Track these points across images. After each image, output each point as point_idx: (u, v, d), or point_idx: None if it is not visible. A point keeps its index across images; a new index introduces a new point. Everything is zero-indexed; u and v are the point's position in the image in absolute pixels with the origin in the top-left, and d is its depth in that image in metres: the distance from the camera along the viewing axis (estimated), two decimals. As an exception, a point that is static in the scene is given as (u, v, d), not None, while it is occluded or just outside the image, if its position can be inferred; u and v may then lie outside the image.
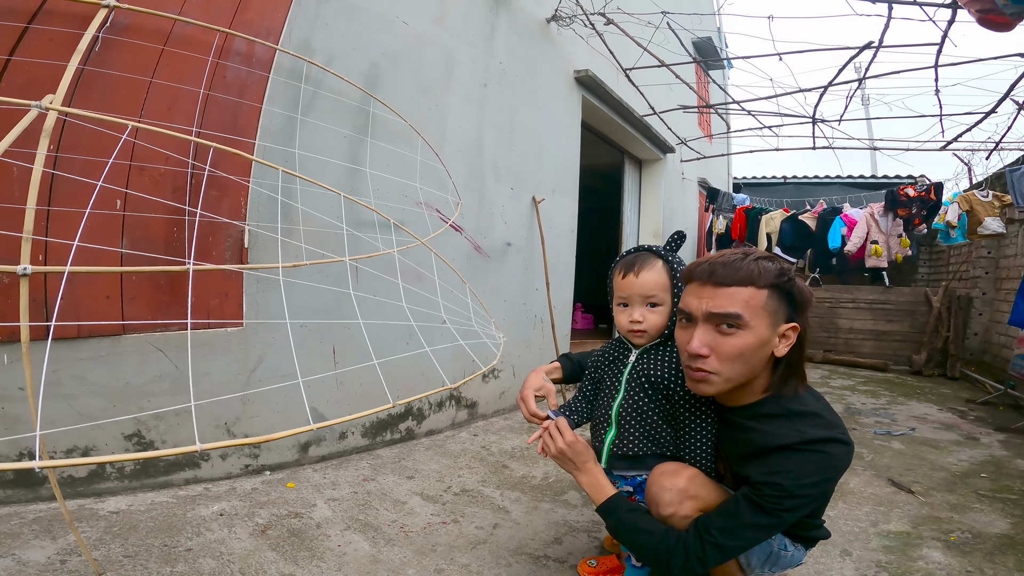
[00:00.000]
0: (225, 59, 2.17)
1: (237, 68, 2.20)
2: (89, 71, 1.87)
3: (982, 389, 5.34)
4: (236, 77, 2.20)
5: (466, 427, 3.36)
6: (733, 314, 1.29)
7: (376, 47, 2.70)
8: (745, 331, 1.30)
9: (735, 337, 1.30)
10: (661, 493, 1.40)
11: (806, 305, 1.33)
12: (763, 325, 1.30)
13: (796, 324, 1.32)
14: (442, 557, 1.84)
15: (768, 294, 1.28)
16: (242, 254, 2.16)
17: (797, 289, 1.31)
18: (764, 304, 1.29)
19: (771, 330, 1.31)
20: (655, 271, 1.52)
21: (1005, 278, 5.89)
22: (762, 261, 1.31)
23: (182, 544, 1.78)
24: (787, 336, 1.32)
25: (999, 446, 3.45)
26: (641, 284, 1.52)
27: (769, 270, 1.29)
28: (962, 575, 1.84)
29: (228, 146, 2.13)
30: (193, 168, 2.04)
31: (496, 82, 3.50)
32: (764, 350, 1.32)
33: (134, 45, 1.97)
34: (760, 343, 1.30)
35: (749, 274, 1.28)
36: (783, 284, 1.29)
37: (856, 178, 12.03)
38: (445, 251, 3.09)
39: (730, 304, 1.29)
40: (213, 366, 2.17)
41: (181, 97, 2.07)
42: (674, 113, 6.43)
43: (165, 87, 2.03)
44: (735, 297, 1.29)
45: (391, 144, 2.74)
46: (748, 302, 1.28)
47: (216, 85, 2.14)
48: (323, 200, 2.43)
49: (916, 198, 6.82)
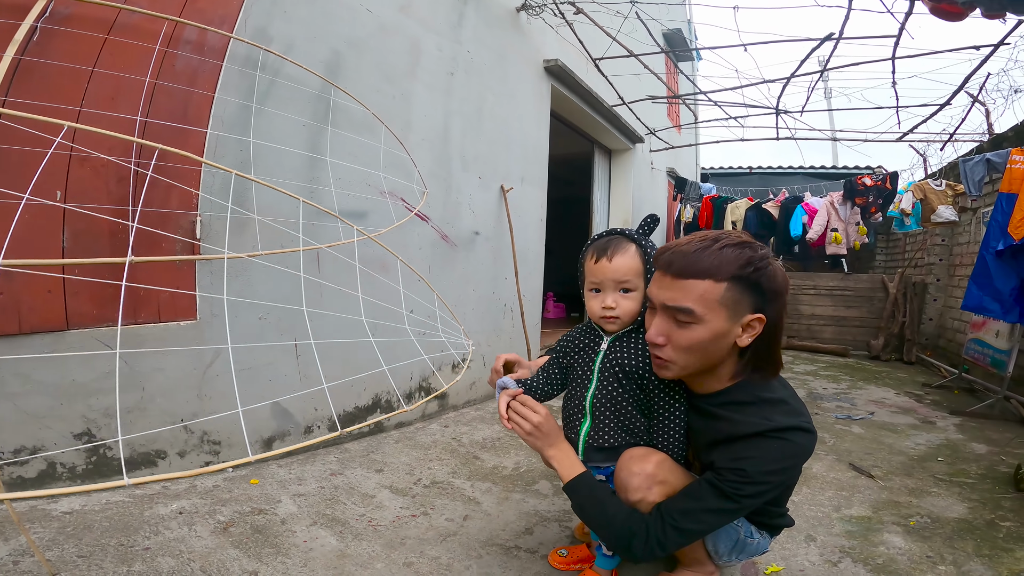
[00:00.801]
0: (175, 48, 2.03)
1: (188, 57, 2.06)
2: (28, 61, 1.74)
3: (937, 373, 5.45)
4: (187, 65, 2.06)
5: (436, 418, 3.29)
6: (685, 309, 1.26)
7: (338, 35, 2.57)
8: (698, 325, 1.27)
9: (688, 330, 1.28)
10: (630, 478, 1.38)
11: (778, 294, 1.28)
12: (719, 319, 1.26)
13: (762, 315, 1.27)
14: (411, 550, 1.78)
15: (727, 287, 1.23)
16: (194, 246, 2.04)
17: (766, 278, 1.25)
18: (721, 298, 1.24)
19: (730, 322, 1.27)
20: (628, 256, 1.45)
21: (958, 264, 6.02)
22: (728, 250, 1.25)
23: (139, 543, 1.69)
24: (751, 327, 1.28)
25: (954, 430, 3.50)
26: (614, 269, 1.44)
27: (731, 261, 1.23)
28: (923, 561, 1.83)
29: (178, 134, 2.02)
30: (138, 159, 1.92)
31: (464, 71, 3.39)
32: (722, 342, 1.29)
33: (76, 35, 1.83)
34: (715, 336, 1.27)
35: (708, 266, 1.23)
36: (747, 275, 1.23)
37: (818, 168, 12.22)
38: (411, 240, 2.99)
39: (683, 298, 1.26)
40: (166, 362, 2.06)
41: (126, 86, 1.93)
42: (643, 103, 6.40)
43: (109, 76, 1.89)
44: (690, 291, 1.25)
45: (354, 133, 2.63)
46: (703, 296, 1.24)
47: (165, 74, 2.00)
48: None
49: (873, 187, 6.93)
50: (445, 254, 3.26)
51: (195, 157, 1.58)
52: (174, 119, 2.01)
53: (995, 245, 3.56)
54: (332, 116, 2.51)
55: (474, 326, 3.58)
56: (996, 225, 3.60)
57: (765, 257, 1.26)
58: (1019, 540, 1.98)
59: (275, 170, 2.30)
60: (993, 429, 3.51)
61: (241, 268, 2.22)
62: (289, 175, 2.35)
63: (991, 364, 4.20)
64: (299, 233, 2.13)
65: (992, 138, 5.45)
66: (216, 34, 2.11)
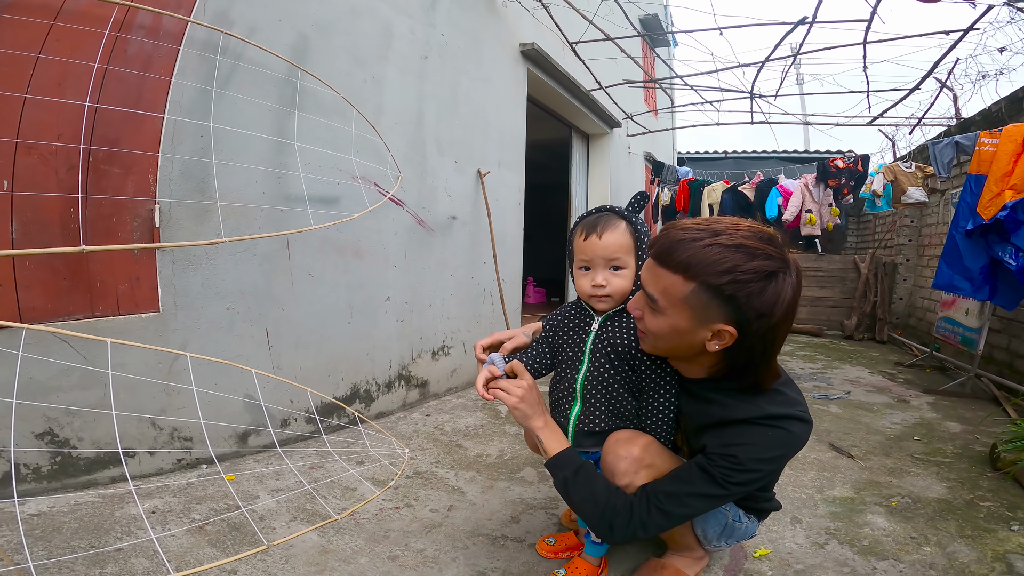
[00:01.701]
0: (127, 32, 1.89)
1: (141, 41, 1.92)
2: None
3: (909, 352, 5.51)
4: (140, 50, 1.91)
5: (418, 407, 3.20)
6: (650, 295, 1.22)
7: (305, 18, 2.43)
8: (660, 315, 1.21)
9: (652, 315, 1.24)
10: (617, 462, 1.33)
11: (762, 316, 1.12)
12: (681, 317, 1.18)
13: (733, 330, 1.14)
14: (396, 543, 1.71)
15: (695, 289, 1.13)
16: (153, 234, 1.92)
17: (747, 294, 1.10)
18: (685, 297, 1.15)
19: (694, 324, 1.17)
20: (618, 232, 1.38)
21: (928, 245, 6.06)
22: (715, 250, 1.11)
23: (111, 544, 1.60)
24: (721, 336, 1.16)
25: (928, 408, 3.51)
26: (604, 246, 1.38)
27: (710, 264, 1.10)
28: (908, 542, 1.81)
29: (132, 120, 1.88)
30: (91, 145, 1.78)
31: (438, 55, 3.26)
32: (685, 339, 1.21)
33: (18, 22, 1.69)
34: (675, 332, 1.21)
35: (682, 261, 1.13)
36: (720, 285, 1.10)
37: (791, 152, 12.28)
38: (386, 225, 2.88)
39: (652, 285, 1.21)
40: (128, 356, 1.94)
41: (74, 72, 1.78)
42: (620, 88, 6.31)
43: (55, 62, 1.75)
44: (659, 280, 1.19)
45: (323, 117, 2.50)
46: (667, 289, 1.17)
47: (116, 60, 1.86)
48: (244, 175, 2.19)
49: (845, 169, 6.94)
50: (422, 239, 3.16)
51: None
52: (128, 104, 1.87)
53: (964, 225, 3.55)
54: (299, 100, 2.38)
55: (453, 312, 3.50)
56: (965, 205, 3.59)
57: (758, 271, 1.10)
58: (1000, 520, 1.96)
59: (240, 155, 2.17)
60: (966, 407, 3.53)
61: (205, 257, 2.10)
62: (255, 160, 2.22)
63: (961, 342, 4.23)
64: (265, 219, 2.01)
65: (960, 122, 5.47)
66: (172, 18, 1.96)
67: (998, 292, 3.48)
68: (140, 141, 1.90)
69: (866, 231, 8.56)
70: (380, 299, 2.89)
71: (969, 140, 4.06)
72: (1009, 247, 3.26)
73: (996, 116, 4.58)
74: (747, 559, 1.69)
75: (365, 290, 2.80)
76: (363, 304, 2.79)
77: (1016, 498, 2.14)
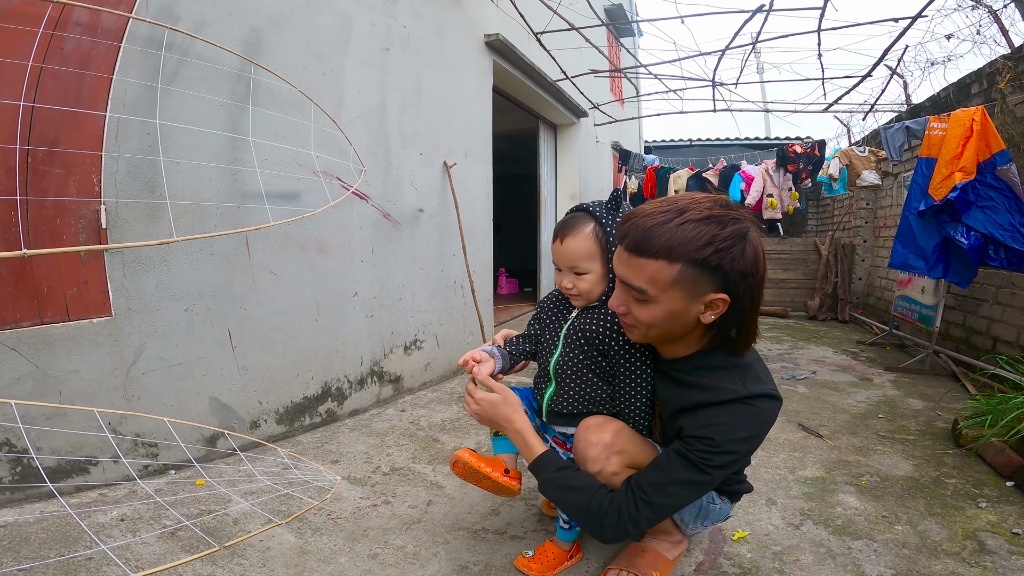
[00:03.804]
0: (63, 30, 1.75)
1: (78, 39, 1.78)
2: None
3: (870, 330, 5.61)
4: (78, 48, 1.78)
5: (392, 403, 3.13)
6: (637, 288, 1.18)
7: (257, 11, 2.30)
8: (652, 304, 1.18)
9: (644, 307, 1.20)
10: (587, 449, 1.31)
11: (746, 275, 1.14)
12: (674, 298, 1.16)
13: (725, 296, 1.15)
14: (375, 541, 1.66)
15: (681, 268, 1.11)
16: (100, 236, 1.80)
17: (730, 260, 1.11)
18: (674, 280, 1.13)
19: (687, 301, 1.16)
20: (580, 238, 1.38)
21: (883, 226, 6.19)
22: (688, 227, 1.10)
23: (82, 553, 1.52)
24: (714, 305, 1.17)
25: (890, 386, 3.56)
26: (564, 253, 1.41)
27: (689, 241, 1.10)
28: (879, 521, 1.82)
29: (72, 118, 1.76)
30: (28, 146, 1.66)
31: (400, 46, 3.16)
32: (681, 318, 1.20)
33: None
34: (670, 315, 1.19)
35: (661, 246, 1.11)
36: (704, 258, 1.10)
37: (752, 139, 12.45)
38: (350, 220, 2.79)
39: (636, 277, 1.17)
40: (81, 363, 1.83)
41: (6, 71, 1.65)
42: (587, 78, 6.26)
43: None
44: (642, 271, 1.15)
45: (280, 112, 2.39)
46: (655, 277, 1.14)
47: (52, 58, 1.73)
48: (197, 172, 2.08)
49: (803, 154, 7.06)
50: (388, 233, 3.07)
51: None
52: (66, 103, 1.74)
53: (917, 206, 3.61)
54: (254, 95, 2.26)
55: (424, 305, 3.42)
56: (917, 187, 3.65)
57: (734, 236, 1.12)
58: (967, 498, 1.98)
59: (191, 152, 2.05)
60: (926, 384, 3.59)
61: (159, 257, 1.99)
62: (208, 157, 2.11)
63: (919, 319, 4.32)
64: (221, 217, 1.90)
65: (910, 108, 5.57)
66: (112, 14, 1.83)
67: (951, 270, 3.56)
68: (81, 140, 1.78)
69: (825, 214, 8.72)
70: (348, 295, 2.81)
71: (919, 125, 4.13)
72: (960, 226, 3.33)
73: (944, 102, 4.67)
74: (726, 542, 1.68)
75: (332, 286, 2.71)
76: (330, 301, 2.70)
77: (981, 475, 2.16)
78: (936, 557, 1.60)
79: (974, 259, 3.31)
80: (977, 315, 3.96)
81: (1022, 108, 3.57)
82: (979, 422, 2.38)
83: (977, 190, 3.24)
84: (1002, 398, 2.43)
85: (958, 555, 1.61)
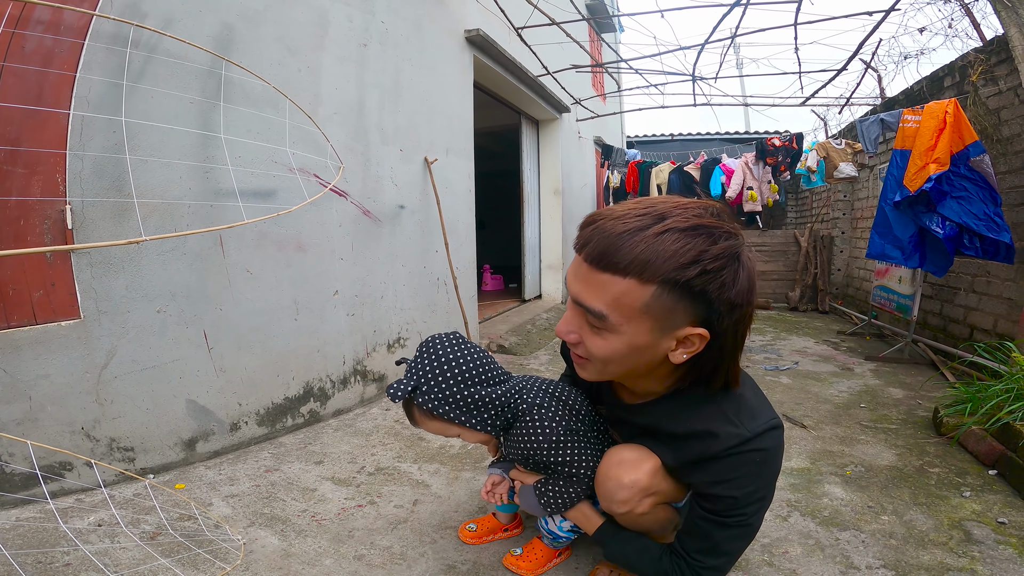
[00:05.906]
0: (24, 28, 1.68)
1: (40, 37, 1.71)
2: None
3: (849, 320, 5.65)
4: (39, 46, 1.71)
5: (377, 402, 3.07)
6: (595, 311, 0.92)
7: (228, 8, 2.23)
8: (611, 335, 0.94)
9: (600, 337, 0.96)
10: (618, 491, 1.13)
11: (735, 307, 0.91)
12: (640, 331, 0.92)
13: (704, 332, 0.92)
14: (361, 542, 1.63)
15: (656, 292, 0.87)
16: (66, 236, 1.74)
17: (718, 286, 0.88)
18: (646, 305, 0.89)
19: (656, 335, 0.93)
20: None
21: (860, 217, 6.24)
22: (669, 236, 0.86)
23: (59, 559, 1.48)
24: (689, 342, 0.94)
25: (871, 375, 3.57)
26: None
27: (669, 256, 0.85)
28: (866, 511, 1.81)
29: (34, 117, 1.68)
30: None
31: (378, 42, 3.09)
32: (646, 355, 0.97)
33: None
34: (632, 350, 0.95)
35: (633, 260, 0.86)
36: (688, 280, 0.86)
37: (732, 133, 12.53)
38: (329, 217, 2.73)
39: (595, 298, 0.92)
40: (50, 367, 1.77)
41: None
42: (568, 74, 6.22)
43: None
44: (605, 290, 0.90)
45: (254, 109, 2.32)
46: (620, 300, 0.89)
47: (13, 56, 1.66)
48: (167, 170, 2.01)
49: (782, 147, 7.10)
50: (369, 230, 3.01)
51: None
52: (28, 100, 1.67)
53: (892, 197, 3.63)
54: (225, 92, 2.20)
55: (407, 302, 3.37)
56: (892, 179, 3.67)
57: (727, 254, 0.88)
58: (951, 487, 1.98)
59: (160, 150, 1.98)
60: (906, 373, 3.61)
61: (128, 258, 1.92)
62: (178, 155, 2.04)
63: (897, 309, 4.35)
64: (193, 215, 1.84)
65: (884, 101, 5.61)
66: (75, 12, 1.76)
67: (928, 259, 3.59)
68: (45, 139, 1.71)
69: (804, 206, 8.79)
70: (328, 293, 2.75)
71: (893, 117, 4.16)
72: (936, 216, 3.35)
73: (918, 94, 4.70)
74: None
75: (311, 285, 2.65)
76: (309, 299, 2.65)
77: (963, 463, 2.16)
78: (924, 548, 1.59)
79: (950, 248, 3.33)
80: (954, 304, 4.00)
81: (995, 100, 3.60)
82: (959, 410, 2.38)
83: (952, 181, 3.27)
84: (981, 386, 2.43)
85: (945, 545, 1.60)
